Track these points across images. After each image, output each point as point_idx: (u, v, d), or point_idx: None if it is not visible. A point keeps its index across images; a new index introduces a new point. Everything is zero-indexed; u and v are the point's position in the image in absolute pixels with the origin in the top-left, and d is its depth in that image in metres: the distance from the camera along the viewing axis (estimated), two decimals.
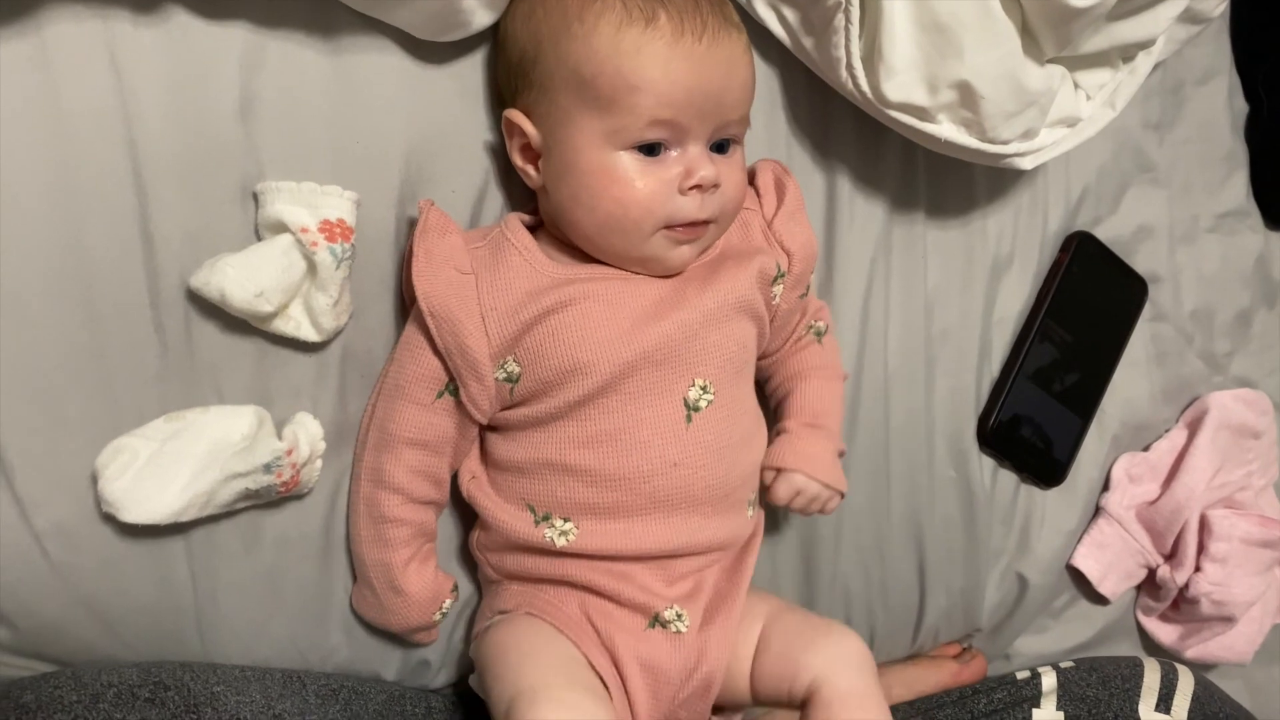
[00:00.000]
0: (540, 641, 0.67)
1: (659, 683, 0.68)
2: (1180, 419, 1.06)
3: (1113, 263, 0.99)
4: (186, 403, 0.64)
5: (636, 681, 0.67)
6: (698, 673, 0.68)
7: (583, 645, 0.67)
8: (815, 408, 0.78)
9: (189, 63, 0.61)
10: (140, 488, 0.60)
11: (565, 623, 0.68)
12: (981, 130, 0.75)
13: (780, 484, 0.74)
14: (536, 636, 0.67)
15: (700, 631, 0.69)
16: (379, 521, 0.68)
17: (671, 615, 0.68)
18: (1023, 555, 0.97)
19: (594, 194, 0.64)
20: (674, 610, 0.68)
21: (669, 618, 0.68)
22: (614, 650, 0.67)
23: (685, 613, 0.69)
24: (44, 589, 0.62)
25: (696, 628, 0.69)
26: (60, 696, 0.58)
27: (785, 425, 0.77)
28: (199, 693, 0.61)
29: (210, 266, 0.61)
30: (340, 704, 0.68)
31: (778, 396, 0.80)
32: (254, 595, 0.69)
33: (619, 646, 0.67)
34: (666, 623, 0.68)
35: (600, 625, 0.68)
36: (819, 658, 0.67)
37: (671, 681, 0.68)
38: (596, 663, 0.66)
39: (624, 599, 0.68)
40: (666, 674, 0.68)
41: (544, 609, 0.69)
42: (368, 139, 0.66)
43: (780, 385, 0.80)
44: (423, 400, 0.66)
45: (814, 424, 0.77)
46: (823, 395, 0.79)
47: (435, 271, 0.64)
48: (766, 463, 0.75)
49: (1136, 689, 0.85)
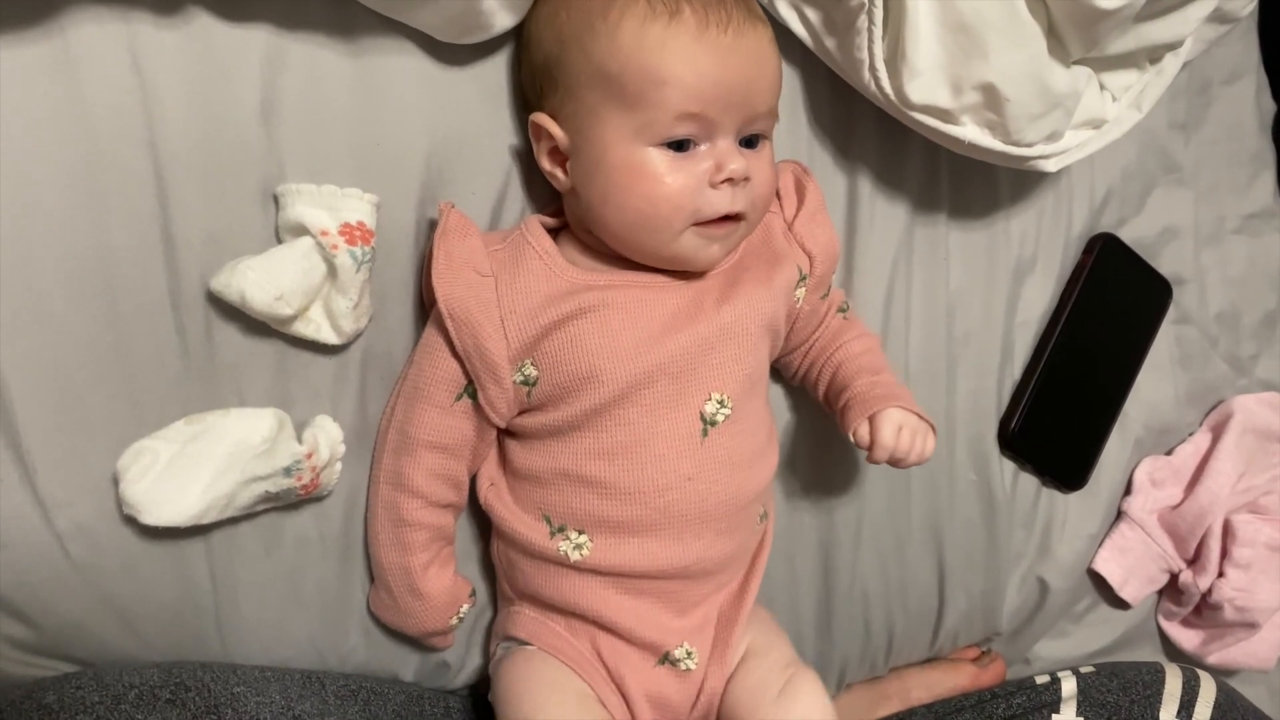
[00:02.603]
0: (553, 677, 0.68)
1: (666, 717, 0.69)
2: (1204, 422, 1.05)
3: (1137, 264, 0.98)
4: (207, 405, 0.64)
5: (645, 716, 0.68)
6: (700, 702, 0.69)
7: (593, 682, 0.68)
8: (871, 365, 0.76)
9: (210, 65, 0.61)
10: (161, 490, 0.61)
11: (576, 660, 0.68)
12: (1006, 132, 0.74)
13: (883, 426, 0.70)
14: (550, 672, 0.68)
15: (707, 665, 0.69)
16: (398, 525, 0.68)
17: (681, 654, 0.69)
18: (1044, 559, 0.97)
19: (623, 191, 0.63)
20: (684, 649, 0.69)
21: (679, 656, 0.69)
22: (623, 687, 0.68)
23: (695, 650, 0.69)
24: (66, 589, 0.62)
25: (704, 663, 0.69)
26: (83, 697, 0.58)
27: (852, 387, 0.73)
28: (219, 693, 0.61)
29: (231, 269, 0.61)
30: (359, 704, 0.69)
31: (825, 373, 0.77)
32: (274, 596, 0.69)
33: (629, 684, 0.68)
34: (676, 660, 0.69)
35: (610, 662, 0.68)
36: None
37: (679, 715, 0.69)
38: (606, 699, 0.67)
39: (635, 637, 0.68)
40: (675, 708, 0.69)
41: (556, 645, 0.69)
42: (388, 141, 0.66)
43: (822, 363, 0.77)
44: (442, 403, 0.66)
45: (878, 372, 0.75)
46: (872, 354, 0.77)
47: (455, 274, 0.64)
48: (853, 419, 0.71)
49: (1158, 695, 0.83)
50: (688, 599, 0.69)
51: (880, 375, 0.75)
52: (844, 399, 0.73)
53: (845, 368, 0.76)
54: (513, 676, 0.68)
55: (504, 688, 0.68)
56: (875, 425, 0.70)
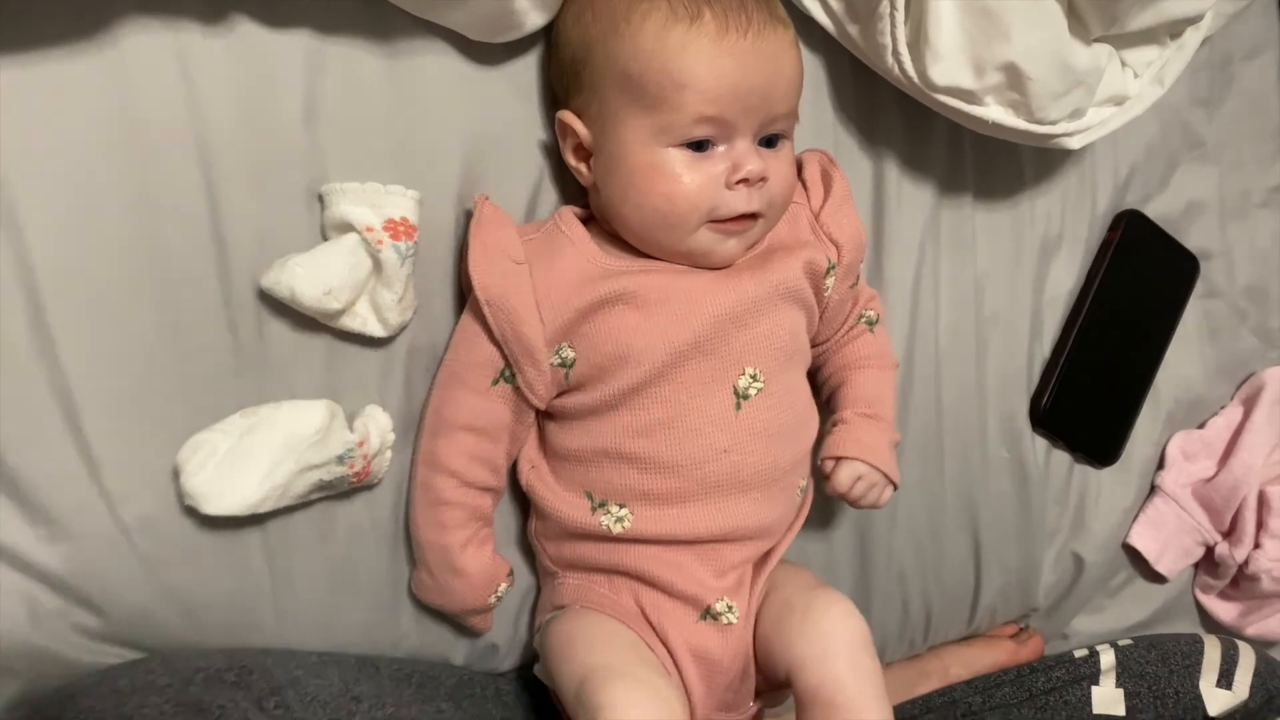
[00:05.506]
0: (604, 628, 0.69)
1: (711, 672, 0.70)
2: (1235, 396, 1.06)
3: (1163, 240, 0.99)
4: (261, 398, 0.66)
5: (691, 671, 0.69)
6: (740, 655, 0.71)
7: (641, 633, 0.69)
8: (870, 397, 0.79)
9: (254, 71, 0.63)
10: (220, 481, 0.63)
11: (623, 614, 0.70)
12: (1029, 111, 0.75)
13: (841, 472, 0.75)
14: (600, 625, 0.69)
15: (744, 621, 0.71)
16: (435, 505, 0.70)
17: (722, 608, 0.70)
18: (1078, 534, 0.98)
19: (642, 190, 0.66)
20: (724, 603, 0.70)
21: (720, 610, 0.70)
22: (668, 641, 0.69)
23: (735, 605, 0.70)
24: (132, 579, 0.65)
25: (744, 618, 0.71)
26: (153, 680, 0.60)
27: (842, 415, 0.78)
28: (281, 676, 0.64)
29: (280, 266, 0.63)
30: (414, 687, 0.71)
31: (831, 386, 0.81)
32: (328, 584, 0.71)
33: (672, 638, 0.69)
34: (717, 615, 0.70)
35: (654, 618, 0.70)
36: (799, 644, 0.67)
37: (723, 671, 0.70)
38: (654, 650, 0.69)
39: (676, 591, 0.69)
40: (718, 663, 0.70)
41: (601, 603, 0.71)
42: (426, 139, 0.68)
43: (834, 375, 0.81)
44: (479, 387, 0.69)
45: (870, 414, 0.78)
46: (877, 385, 0.80)
47: (491, 262, 0.66)
48: (825, 453, 0.76)
49: (1197, 665, 0.84)
50: (726, 561, 0.71)
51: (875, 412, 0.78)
52: (831, 421, 0.78)
53: (845, 391, 0.79)
54: (562, 633, 0.70)
55: (553, 646, 0.69)
56: (835, 471, 0.75)
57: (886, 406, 0.80)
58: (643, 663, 0.65)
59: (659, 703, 0.61)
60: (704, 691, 0.70)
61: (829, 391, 0.81)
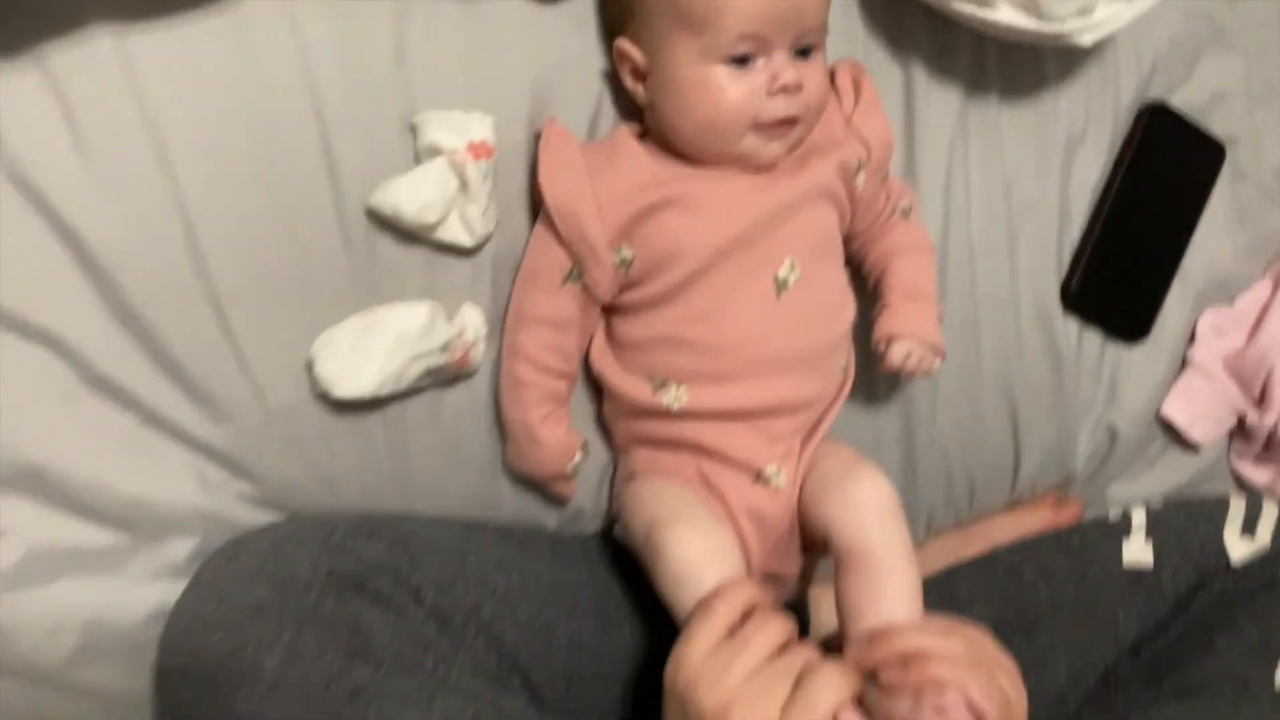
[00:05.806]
0: (670, 489, 0.80)
1: (763, 529, 0.81)
2: (1266, 273, 1.09)
3: (1188, 129, 1.02)
4: (374, 302, 0.77)
5: (747, 527, 0.80)
6: (786, 518, 0.81)
7: (703, 496, 0.80)
8: (911, 280, 0.87)
9: (352, 21, 0.74)
10: (345, 370, 0.74)
11: (687, 480, 0.81)
12: (1039, 11, 0.81)
13: (894, 350, 0.83)
14: (666, 486, 0.80)
15: (791, 486, 0.81)
16: (517, 386, 0.81)
17: (772, 471, 0.80)
18: (1112, 407, 1.03)
19: (692, 104, 0.75)
20: (774, 467, 0.80)
21: (770, 474, 0.80)
22: (726, 501, 0.80)
23: (784, 470, 0.80)
24: (278, 455, 0.77)
25: (790, 484, 0.81)
26: (305, 532, 0.73)
27: (887, 300, 0.86)
28: (406, 531, 0.76)
29: (384, 188, 0.74)
30: (515, 544, 0.83)
31: (875, 274, 0.89)
32: (438, 458, 0.82)
33: (730, 500, 0.80)
34: (768, 479, 0.80)
35: (714, 482, 0.80)
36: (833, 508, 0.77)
37: (774, 529, 0.81)
38: (714, 508, 0.79)
39: (731, 458, 0.80)
40: (769, 522, 0.80)
41: (668, 472, 0.81)
42: (500, 72, 0.78)
43: (875, 264, 0.89)
44: (551, 285, 0.79)
45: (913, 296, 0.86)
46: (916, 269, 0.88)
47: (558, 174, 0.76)
48: (877, 335, 0.85)
49: (1222, 517, 0.90)
50: (776, 432, 0.81)
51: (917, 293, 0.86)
52: (878, 307, 0.86)
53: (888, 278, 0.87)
54: (634, 494, 0.81)
55: (628, 505, 0.81)
56: (889, 350, 0.84)
57: (927, 286, 0.88)
58: (703, 512, 0.77)
59: (715, 539, 0.73)
60: (758, 544, 0.81)
61: (874, 280, 0.89)
